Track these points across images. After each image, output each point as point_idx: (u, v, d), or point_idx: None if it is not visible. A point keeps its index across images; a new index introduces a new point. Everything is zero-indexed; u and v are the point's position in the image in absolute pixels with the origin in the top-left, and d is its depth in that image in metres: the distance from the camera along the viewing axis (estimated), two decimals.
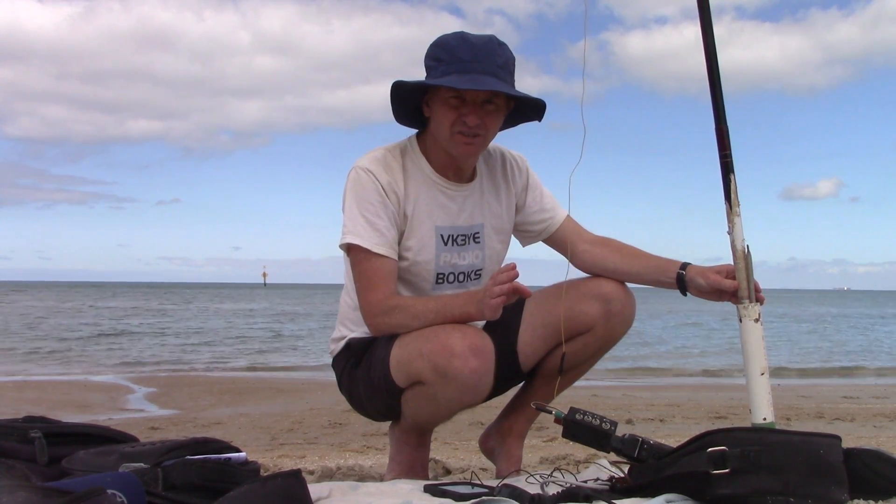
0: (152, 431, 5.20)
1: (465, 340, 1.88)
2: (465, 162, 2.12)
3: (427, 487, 1.84)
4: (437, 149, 2.10)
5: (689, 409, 6.48)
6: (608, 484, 1.82)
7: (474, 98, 1.98)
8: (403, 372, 1.99)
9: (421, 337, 1.95)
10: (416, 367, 1.93)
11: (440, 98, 2.01)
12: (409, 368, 1.96)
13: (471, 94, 1.97)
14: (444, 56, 1.98)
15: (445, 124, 2.01)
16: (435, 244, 2.10)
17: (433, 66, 2.01)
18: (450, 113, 2.00)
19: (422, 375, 1.93)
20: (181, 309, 33.28)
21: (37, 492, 1.18)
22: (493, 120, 2.03)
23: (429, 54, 2.03)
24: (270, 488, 1.42)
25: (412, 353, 1.94)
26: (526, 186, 2.26)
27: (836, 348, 16.67)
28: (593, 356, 2.19)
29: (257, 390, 8.37)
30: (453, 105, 1.99)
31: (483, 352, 1.89)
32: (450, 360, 1.86)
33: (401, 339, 2.00)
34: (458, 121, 1.99)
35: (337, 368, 2.23)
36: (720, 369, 11.82)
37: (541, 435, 4.60)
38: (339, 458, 3.07)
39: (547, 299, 2.17)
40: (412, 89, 2.04)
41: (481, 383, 1.92)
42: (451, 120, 2.00)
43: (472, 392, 1.94)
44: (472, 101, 1.98)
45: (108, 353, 13.41)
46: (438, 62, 1.99)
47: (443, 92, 1.99)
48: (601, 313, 2.10)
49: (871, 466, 1.72)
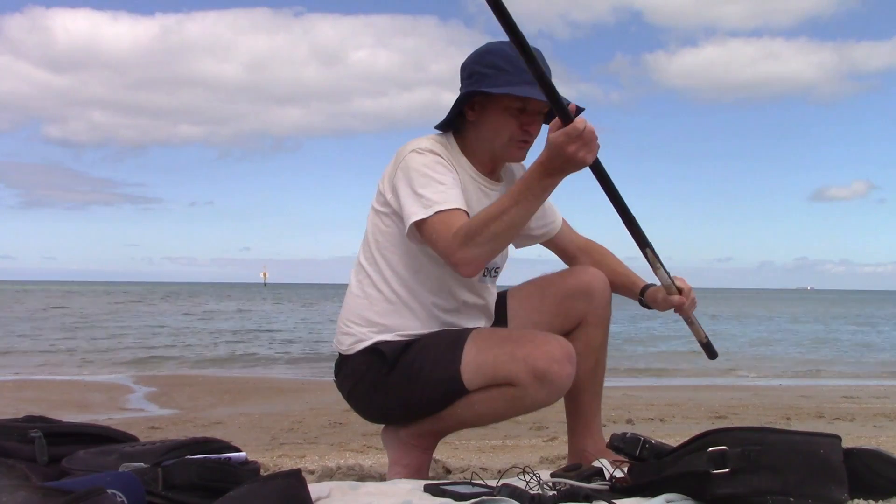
0: (152, 431, 5.20)
1: (564, 348, 1.99)
2: (506, 165, 2.20)
3: (427, 487, 1.84)
4: (480, 151, 2.13)
5: (689, 409, 6.49)
6: (608, 484, 1.82)
7: (536, 108, 2.06)
8: (485, 374, 2.01)
9: (509, 340, 2.03)
10: (507, 370, 1.97)
11: (500, 106, 2.06)
12: (495, 371, 1.99)
13: (534, 104, 2.05)
14: (504, 65, 2.03)
15: (505, 133, 2.07)
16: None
17: (490, 73, 2.04)
18: (511, 122, 2.06)
19: (516, 378, 1.97)
20: (180, 309, 33.27)
21: (37, 492, 1.18)
22: (540, 128, 2.12)
23: (484, 62, 2.07)
24: (270, 488, 1.42)
25: (503, 356, 1.99)
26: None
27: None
28: (601, 346, 2.27)
29: (257, 390, 8.38)
30: (515, 114, 2.06)
31: (574, 360, 2.01)
32: (550, 365, 1.95)
33: (479, 342, 2.04)
34: (520, 130, 2.07)
35: (355, 373, 2.16)
36: (726, 370, 11.83)
37: (541, 435, 4.61)
38: (339, 457, 3.07)
39: (529, 297, 2.28)
40: (467, 94, 2.08)
41: (567, 388, 2.03)
42: (513, 129, 2.07)
43: (559, 395, 2.04)
44: (532, 111, 2.06)
45: (109, 352, 13.41)
46: (498, 70, 2.04)
47: (506, 101, 2.05)
48: (588, 305, 2.22)
49: (871, 466, 1.72)
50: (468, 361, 2.02)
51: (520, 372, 1.96)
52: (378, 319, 2.13)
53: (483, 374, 2.01)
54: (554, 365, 1.96)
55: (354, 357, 2.16)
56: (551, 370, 1.95)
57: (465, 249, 1.88)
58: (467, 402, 2.05)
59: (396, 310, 2.12)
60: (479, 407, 2.05)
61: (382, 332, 2.12)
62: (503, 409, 2.05)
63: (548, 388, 1.97)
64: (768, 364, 13.06)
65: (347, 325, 2.18)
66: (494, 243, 1.89)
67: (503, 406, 2.04)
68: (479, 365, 2.01)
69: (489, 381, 2.01)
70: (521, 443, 4.11)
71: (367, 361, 2.13)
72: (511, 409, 2.05)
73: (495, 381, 2.00)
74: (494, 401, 2.03)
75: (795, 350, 16.25)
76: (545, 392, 1.98)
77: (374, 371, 2.12)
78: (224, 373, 10.79)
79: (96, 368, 11.07)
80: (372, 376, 2.12)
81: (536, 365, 1.95)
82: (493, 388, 2.01)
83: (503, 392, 2.00)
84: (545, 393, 1.98)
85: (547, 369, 1.95)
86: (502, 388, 2.00)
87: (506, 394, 2.00)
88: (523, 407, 2.04)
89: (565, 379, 1.98)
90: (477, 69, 2.07)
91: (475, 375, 2.02)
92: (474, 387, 2.03)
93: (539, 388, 1.97)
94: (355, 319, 2.16)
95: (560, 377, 1.97)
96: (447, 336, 2.10)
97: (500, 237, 1.89)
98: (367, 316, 2.14)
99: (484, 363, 2.01)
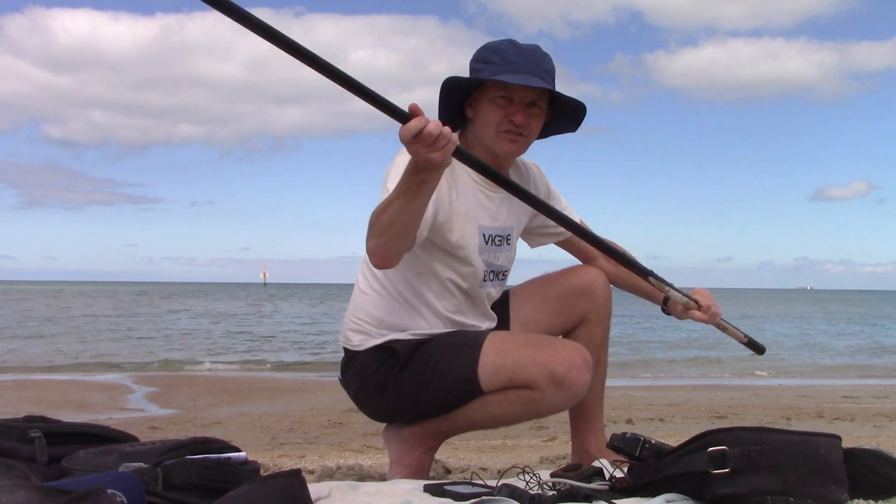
0: (152, 431, 5.20)
1: (581, 355, 2.02)
2: (506, 161, 2.16)
3: (427, 487, 1.84)
4: (480, 149, 2.11)
5: (689, 409, 6.48)
6: (608, 484, 1.82)
7: (522, 97, 2.04)
8: (502, 376, 2.02)
9: (528, 345, 2.05)
10: (526, 373, 1.99)
11: (488, 97, 2.06)
12: (514, 374, 2.00)
13: (519, 93, 2.03)
14: (493, 58, 2.04)
15: (492, 122, 2.06)
16: (478, 244, 2.12)
17: (481, 67, 2.05)
18: (497, 111, 2.05)
19: (534, 381, 1.98)
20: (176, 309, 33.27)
21: (37, 491, 1.18)
22: (536, 123, 2.09)
23: (476, 58, 2.08)
24: (270, 488, 1.42)
25: (521, 360, 2.01)
26: (548, 193, 2.31)
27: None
28: (603, 344, 2.29)
29: (257, 390, 8.38)
30: (500, 104, 2.04)
31: (591, 366, 2.05)
32: (569, 371, 1.98)
33: (497, 345, 2.05)
34: (505, 119, 2.04)
35: (365, 371, 2.15)
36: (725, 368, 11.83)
37: (541, 435, 4.61)
38: (339, 457, 3.07)
39: (531, 296, 2.30)
40: (460, 89, 2.08)
41: (583, 395, 2.06)
42: (499, 118, 2.05)
43: (574, 401, 2.08)
44: (519, 101, 2.04)
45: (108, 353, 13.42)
46: (488, 63, 2.04)
47: (491, 91, 2.04)
48: (589, 303, 2.24)
49: (871, 466, 1.72)
50: (486, 363, 2.03)
51: (538, 375, 1.98)
52: (388, 318, 2.12)
53: (501, 376, 2.02)
54: (573, 371, 1.98)
55: (364, 354, 2.15)
56: (570, 376, 1.98)
57: (368, 240, 1.85)
58: (481, 403, 2.06)
59: (404, 309, 2.12)
60: (492, 409, 2.06)
61: (394, 331, 2.12)
62: (517, 411, 2.06)
63: (565, 394, 1.99)
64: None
65: (356, 323, 2.16)
66: (387, 235, 1.81)
67: (518, 409, 2.04)
68: (498, 367, 2.02)
69: (507, 383, 2.02)
70: (521, 443, 4.12)
71: (379, 359, 2.12)
72: (525, 412, 2.06)
73: (513, 383, 2.01)
74: (510, 403, 2.04)
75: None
76: (562, 397, 2.00)
77: (386, 369, 2.11)
78: (224, 373, 10.80)
79: (96, 368, 11.07)
80: (383, 374, 2.12)
81: (556, 370, 1.97)
82: (510, 390, 2.02)
83: (520, 395, 2.01)
84: (562, 398, 2.01)
85: (566, 375, 1.97)
86: (519, 391, 2.01)
87: (522, 396, 2.01)
88: (538, 411, 2.06)
89: (582, 385, 2.01)
90: (472, 66, 2.09)
91: (493, 377, 2.03)
92: (490, 388, 2.04)
93: (556, 393, 1.99)
94: (364, 317, 2.15)
95: (578, 383, 1.99)
96: (464, 337, 2.11)
97: (389, 230, 1.80)
98: (377, 314, 2.14)
99: (503, 365, 2.02)
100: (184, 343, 15.83)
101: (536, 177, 2.30)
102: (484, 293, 2.21)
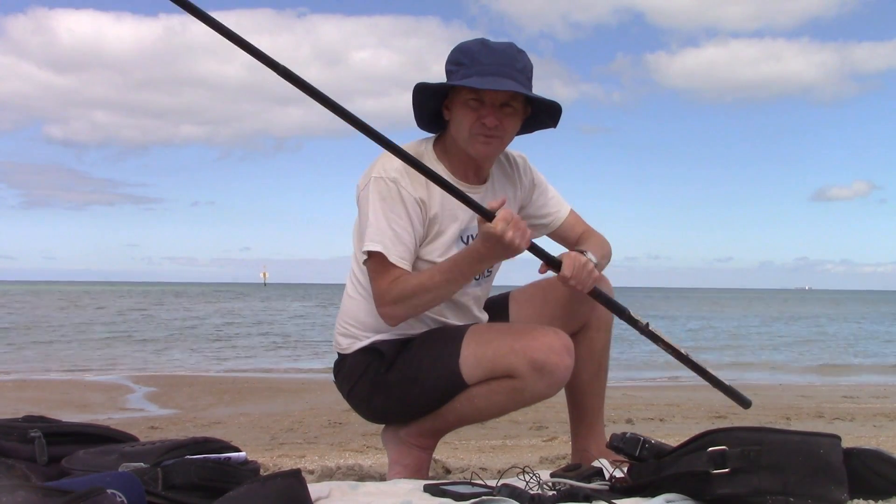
0: (152, 431, 5.20)
1: (561, 339, 2.01)
2: (483, 163, 2.16)
3: (427, 487, 1.84)
4: (457, 151, 2.12)
5: (689, 408, 6.48)
6: (608, 484, 1.82)
7: (493, 100, 2.03)
8: (484, 367, 2.02)
9: (507, 334, 2.05)
10: (507, 362, 1.99)
11: (460, 100, 2.05)
12: (494, 364, 2.01)
13: (489, 95, 2.02)
14: (464, 60, 2.03)
15: (465, 125, 2.05)
16: (457, 248, 2.12)
17: (454, 69, 2.05)
18: (469, 114, 2.04)
19: (516, 370, 1.99)
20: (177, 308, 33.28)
21: (37, 491, 1.18)
22: (511, 122, 2.08)
23: (449, 59, 2.08)
24: (270, 488, 1.42)
25: (501, 349, 2.01)
26: (532, 184, 2.32)
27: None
28: (605, 349, 2.29)
29: (257, 390, 8.37)
30: (473, 107, 2.04)
31: (572, 351, 2.03)
32: (549, 356, 1.98)
33: (477, 337, 2.06)
34: (477, 122, 2.04)
35: (354, 373, 2.18)
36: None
37: (541, 435, 4.61)
38: (339, 457, 3.07)
39: (532, 300, 2.29)
40: (434, 93, 2.09)
41: (566, 380, 2.05)
42: (471, 121, 2.04)
43: (558, 387, 2.06)
44: (490, 103, 2.03)
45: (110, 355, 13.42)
46: (459, 66, 2.04)
47: (463, 94, 2.04)
48: (591, 308, 2.23)
49: (871, 466, 1.72)
50: (467, 355, 2.04)
51: (519, 363, 1.98)
52: (373, 321, 2.14)
53: (482, 366, 2.02)
54: (553, 356, 1.98)
55: (352, 357, 2.19)
56: (550, 361, 1.97)
57: (393, 307, 2.02)
58: (467, 396, 2.07)
59: None
60: (478, 401, 2.06)
61: (379, 332, 2.15)
62: (503, 402, 2.06)
63: (547, 380, 1.99)
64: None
65: (344, 327, 2.22)
66: (420, 309, 2.06)
67: (503, 399, 2.05)
68: (479, 358, 2.03)
69: (488, 373, 2.02)
70: (521, 443, 4.12)
71: (366, 360, 2.16)
72: (511, 401, 2.05)
73: (494, 373, 2.01)
74: (494, 394, 2.04)
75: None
76: (544, 383, 1.99)
77: (374, 370, 2.14)
78: (224, 373, 10.79)
79: (96, 368, 11.07)
80: (371, 375, 2.14)
81: (535, 356, 1.97)
82: (493, 381, 2.02)
83: (503, 385, 2.01)
84: (544, 384, 2.00)
85: (546, 360, 1.97)
86: (502, 381, 2.01)
87: (505, 386, 2.01)
88: (523, 399, 2.05)
89: (564, 370, 2.00)
90: (447, 67, 2.09)
91: (474, 369, 2.03)
92: (474, 380, 2.04)
93: (538, 380, 1.98)
94: (351, 321, 2.20)
95: (558, 368, 1.99)
96: (445, 332, 2.13)
97: (425, 306, 2.05)
98: (362, 317, 2.17)
99: (483, 356, 2.02)
100: (184, 343, 15.82)
101: (521, 168, 2.30)
102: (471, 292, 2.21)
